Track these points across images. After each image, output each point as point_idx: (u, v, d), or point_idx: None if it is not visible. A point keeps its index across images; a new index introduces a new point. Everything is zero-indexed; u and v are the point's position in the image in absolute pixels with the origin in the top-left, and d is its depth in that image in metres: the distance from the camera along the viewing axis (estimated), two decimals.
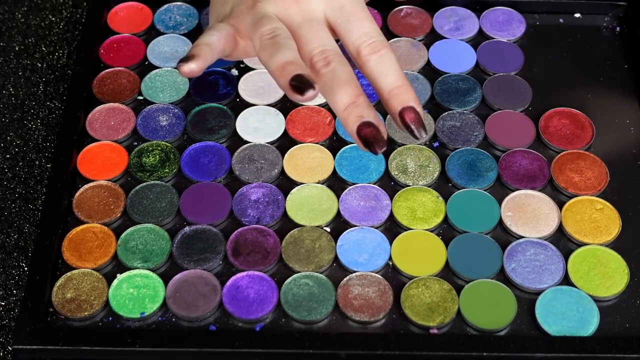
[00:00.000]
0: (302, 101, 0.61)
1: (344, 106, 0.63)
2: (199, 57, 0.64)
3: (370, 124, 0.62)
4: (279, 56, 0.62)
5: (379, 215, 0.70)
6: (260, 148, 0.74)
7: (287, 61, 0.62)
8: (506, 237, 0.69)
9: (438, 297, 0.66)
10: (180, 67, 0.63)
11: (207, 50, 0.64)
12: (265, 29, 0.64)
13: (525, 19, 0.82)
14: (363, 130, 0.62)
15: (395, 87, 0.64)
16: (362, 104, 0.63)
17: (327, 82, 0.63)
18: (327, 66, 0.64)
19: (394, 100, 0.64)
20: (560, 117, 0.76)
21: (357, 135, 0.62)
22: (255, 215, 0.70)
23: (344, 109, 0.63)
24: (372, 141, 0.62)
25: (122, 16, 0.82)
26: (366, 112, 0.62)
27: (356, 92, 0.63)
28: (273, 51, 0.63)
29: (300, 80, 0.61)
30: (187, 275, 0.67)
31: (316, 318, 0.65)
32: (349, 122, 0.62)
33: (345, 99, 0.63)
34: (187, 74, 0.64)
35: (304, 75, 0.61)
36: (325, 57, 0.64)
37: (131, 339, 0.63)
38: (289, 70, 0.62)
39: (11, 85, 0.80)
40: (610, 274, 0.67)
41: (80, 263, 0.67)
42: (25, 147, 0.76)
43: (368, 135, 0.62)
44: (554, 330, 0.64)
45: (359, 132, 0.62)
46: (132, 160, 0.73)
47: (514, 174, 0.72)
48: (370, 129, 0.62)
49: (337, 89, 0.63)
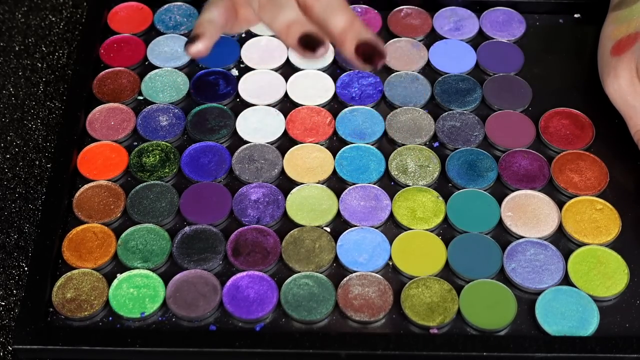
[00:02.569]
0: (314, 58, 0.61)
1: (341, 29, 0.62)
2: (204, 35, 0.64)
3: (368, 40, 0.61)
4: (282, 16, 0.62)
5: (379, 215, 0.70)
6: (260, 148, 0.74)
7: (290, 20, 0.62)
8: (506, 237, 0.69)
9: (438, 297, 0.66)
10: (188, 49, 0.63)
11: (211, 27, 0.64)
12: None
13: (525, 19, 0.83)
14: (361, 47, 0.61)
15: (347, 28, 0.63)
16: (358, 25, 0.62)
17: (320, 12, 0.63)
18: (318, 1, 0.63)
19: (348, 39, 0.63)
20: (560, 118, 0.76)
21: (356, 52, 0.61)
22: (255, 215, 0.70)
23: (340, 32, 0.62)
24: (370, 54, 0.61)
25: (122, 16, 0.82)
26: (363, 31, 0.62)
27: (351, 15, 0.62)
28: (275, 11, 0.63)
29: (310, 39, 0.61)
30: (187, 275, 0.67)
31: (316, 318, 0.65)
32: (346, 43, 0.62)
33: (340, 22, 0.62)
34: (195, 54, 0.64)
35: (311, 33, 0.61)
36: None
37: (131, 339, 0.63)
38: (294, 29, 0.62)
39: (11, 85, 0.80)
40: (610, 274, 0.67)
41: (81, 263, 0.67)
42: (25, 147, 0.76)
43: (366, 50, 0.61)
44: (554, 330, 0.64)
45: (357, 50, 0.61)
46: (132, 160, 0.73)
47: (514, 174, 0.72)
48: (368, 45, 0.61)
49: (331, 15, 0.62)
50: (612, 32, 0.74)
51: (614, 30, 0.74)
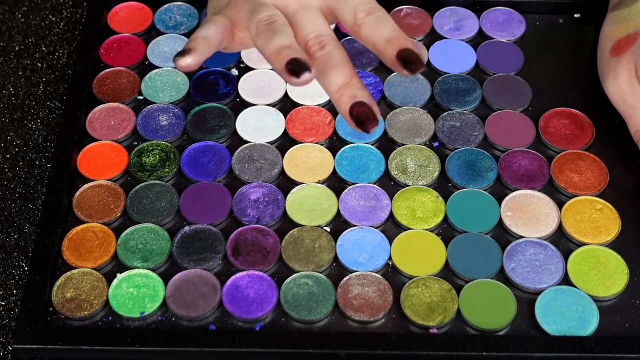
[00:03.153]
0: (298, 84, 0.61)
1: (338, 87, 0.62)
2: (195, 50, 0.63)
3: (363, 104, 0.61)
4: (275, 41, 0.62)
5: (379, 215, 0.70)
6: (260, 148, 0.74)
7: (283, 45, 0.62)
8: (506, 237, 0.69)
9: (438, 297, 0.66)
10: (177, 61, 0.63)
11: (204, 43, 0.64)
12: (262, 16, 0.64)
13: (525, 19, 0.83)
14: (355, 110, 0.61)
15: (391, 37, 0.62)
16: (356, 84, 0.62)
17: (321, 64, 0.63)
18: (322, 50, 0.63)
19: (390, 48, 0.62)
20: (560, 117, 0.76)
21: (350, 114, 0.61)
22: (255, 215, 0.70)
23: (337, 90, 0.62)
24: (364, 119, 0.61)
25: (122, 16, 0.83)
26: (359, 92, 0.62)
27: (350, 73, 0.62)
28: (269, 36, 0.63)
29: (296, 64, 0.60)
30: (187, 274, 0.67)
31: (316, 318, 0.65)
32: (341, 102, 0.62)
33: (338, 79, 0.62)
34: (184, 68, 0.63)
35: (299, 59, 0.61)
36: (320, 42, 0.64)
37: (131, 339, 0.63)
38: (285, 54, 0.61)
39: (11, 85, 0.80)
40: (610, 274, 0.67)
41: (80, 262, 0.67)
42: (25, 147, 0.76)
43: (360, 113, 0.61)
44: (554, 330, 0.64)
45: (352, 112, 0.61)
46: (132, 159, 0.73)
47: (514, 174, 0.72)
48: (362, 108, 0.61)
49: (331, 71, 0.62)
50: (611, 32, 0.74)
51: (613, 30, 0.74)
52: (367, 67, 0.79)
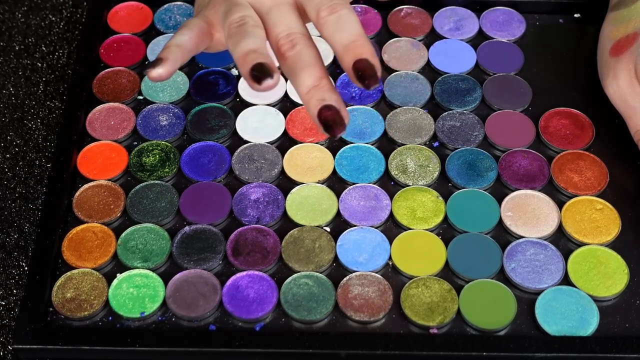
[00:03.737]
0: (260, 91, 0.60)
1: (307, 89, 0.60)
2: (167, 60, 0.62)
3: (331, 107, 0.59)
4: (243, 44, 0.61)
5: (379, 215, 0.70)
6: (260, 148, 0.74)
7: (250, 49, 0.60)
8: (506, 237, 0.69)
9: (438, 297, 0.66)
10: (148, 73, 0.62)
11: (177, 52, 0.63)
12: (234, 17, 0.63)
13: (525, 19, 0.82)
14: (323, 114, 0.59)
15: (350, 42, 0.61)
16: (325, 86, 0.60)
17: (291, 65, 0.61)
18: (292, 49, 0.62)
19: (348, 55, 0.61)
20: (560, 117, 0.76)
21: (318, 118, 0.60)
22: (255, 215, 0.70)
23: (306, 92, 0.60)
24: (331, 124, 0.59)
25: (122, 16, 0.82)
26: (328, 95, 0.60)
27: (320, 74, 0.61)
28: (238, 39, 0.61)
29: (260, 69, 0.59)
30: (187, 275, 0.67)
31: (316, 318, 0.65)
32: (310, 105, 0.60)
33: (308, 81, 0.60)
34: (155, 79, 0.62)
35: (264, 64, 0.59)
36: (291, 40, 0.62)
37: (131, 339, 0.63)
38: (250, 58, 0.60)
39: (11, 85, 0.80)
40: (610, 274, 0.67)
41: (80, 263, 0.67)
42: (25, 147, 0.76)
43: (328, 118, 0.59)
44: (554, 330, 0.64)
45: (320, 115, 0.60)
46: (132, 159, 0.73)
47: (514, 174, 0.72)
48: (330, 112, 0.59)
49: (300, 72, 0.61)
50: (611, 32, 0.74)
51: (613, 30, 0.74)
52: None
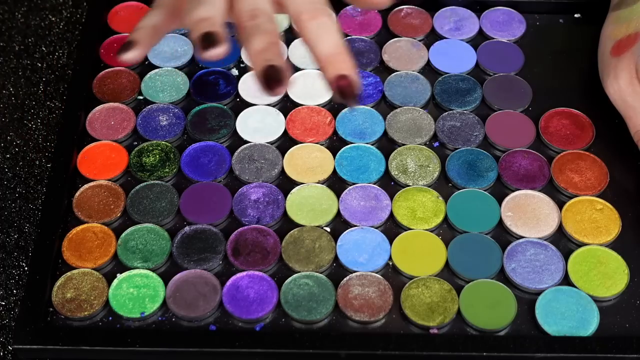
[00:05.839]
0: (207, 58, 0.58)
1: (256, 51, 0.59)
2: (138, 43, 0.62)
3: (275, 67, 0.59)
4: (197, 11, 0.60)
5: (379, 215, 0.70)
6: (260, 148, 0.74)
7: (203, 17, 0.59)
8: (506, 237, 0.69)
9: (438, 297, 0.66)
10: (120, 57, 0.61)
11: (150, 32, 0.62)
12: None
13: (525, 19, 0.82)
14: (267, 71, 0.58)
15: (331, 55, 0.60)
16: (274, 51, 0.59)
17: (246, 31, 0.60)
18: (252, 20, 0.61)
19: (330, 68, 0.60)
20: (561, 118, 0.76)
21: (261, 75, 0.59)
22: (255, 215, 0.70)
23: (255, 54, 0.59)
24: (273, 80, 0.58)
25: (122, 16, 0.82)
26: (275, 58, 0.59)
27: (271, 41, 0.60)
28: (193, 6, 0.60)
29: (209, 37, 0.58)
30: (187, 275, 0.67)
31: (316, 318, 0.65)
32: (256, 64, 0.59)
33: (259, 45, 0.59)
34: (128, 62, 0.62)
35: (214, 32, 0.58)
36: (253, 14, 0.61)
37: (131, 339, 0.63)
38: (202, 25, 0.59)
39: (11, 85, 0.80)
40: (610, 274, 0.67)
41: (80, 263, 0.67)
42: (25, 147, 0.76)
43: (268, 73, 0.58)
44: (554, 330, 0.64)
45: (264, 72, 0.59)
46: (132, 160, 0.73)
47: (514, 174, 0.72)
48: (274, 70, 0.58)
49: (254, 37, 0.60)
50: (612, 32, 0.74)
51: (614, 30, 0.74)
52: (367, 67, 0.79)
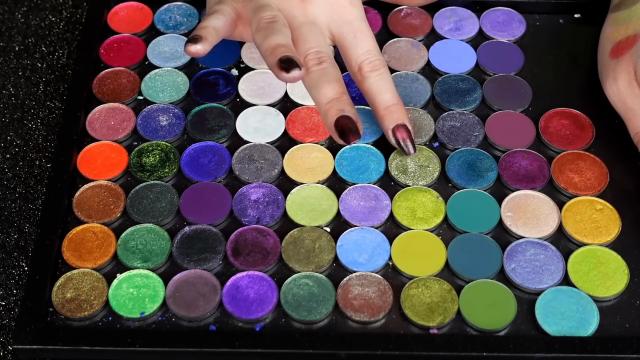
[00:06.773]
0: (286, 80, 0.64)
1: (328, 100, 0.66)
2: (206, 40, 0.66)
3: (349, 117, 0.66)
4: (273, 39, 0.65)
5: (379, 215, 0.70)
6: (260, 148, 0.74)
7: (279, 44, 0.65)
8: (506, 237, 0.69)
9: (438, 297, 0.66)
10: (188, 47, 0.66)
11: (214, 34, 0.67)
12: (266, 14, 0.67)
13: (525, 19, 0.83)
14: (341, 121, 0.65)
15: (391, 105, 0.69)
16: (345, 100, 0.66)
17: (315, 77, 0.66)
18: (319, 65, 0.67)
19: (389, 117, 0.69)
20: (560, 118, 0.76)
21: (335, 126, 0.66)
22: (255, 215, 0.70)
23: (326, 102, 0.66)
24: (347, 130, 0.66)
25: (122, 16, 0.82)
26: (347, 108, 0.66)
27: (341, 90, 0.66)
28: (268, 33, 0.66)
29: (288, 61, 0.64)
30: (187, 275, 0.67)
31: (316, 318, 0.65)
32: (329, 114, 0.66)
33: (330, 93, 0.66)
34: (193, 54, 0.66)
35: (292, 57, 0.64)
36: (320, 57, 0.67)
37: (131, 339, 0.63)
38: (280, 51, 0.64)
39: (11, 85, 0.80)
40: (610, 274, 0.67)
41: (80, 263, 0.67)
42: (25, 147, 0.76)
43: (345, 125, 0.65)
44: (554, 330, 0.64)
45: (337, 123, 0.65)
46: (132, 160, 0.73)
47: (514, 174, 0.72)
48: (348, 121, 0.66)
49: (324, 84, 0.66)
50: (611, 33, 0.74)
51: (613, 31, 0.74)
52: None
